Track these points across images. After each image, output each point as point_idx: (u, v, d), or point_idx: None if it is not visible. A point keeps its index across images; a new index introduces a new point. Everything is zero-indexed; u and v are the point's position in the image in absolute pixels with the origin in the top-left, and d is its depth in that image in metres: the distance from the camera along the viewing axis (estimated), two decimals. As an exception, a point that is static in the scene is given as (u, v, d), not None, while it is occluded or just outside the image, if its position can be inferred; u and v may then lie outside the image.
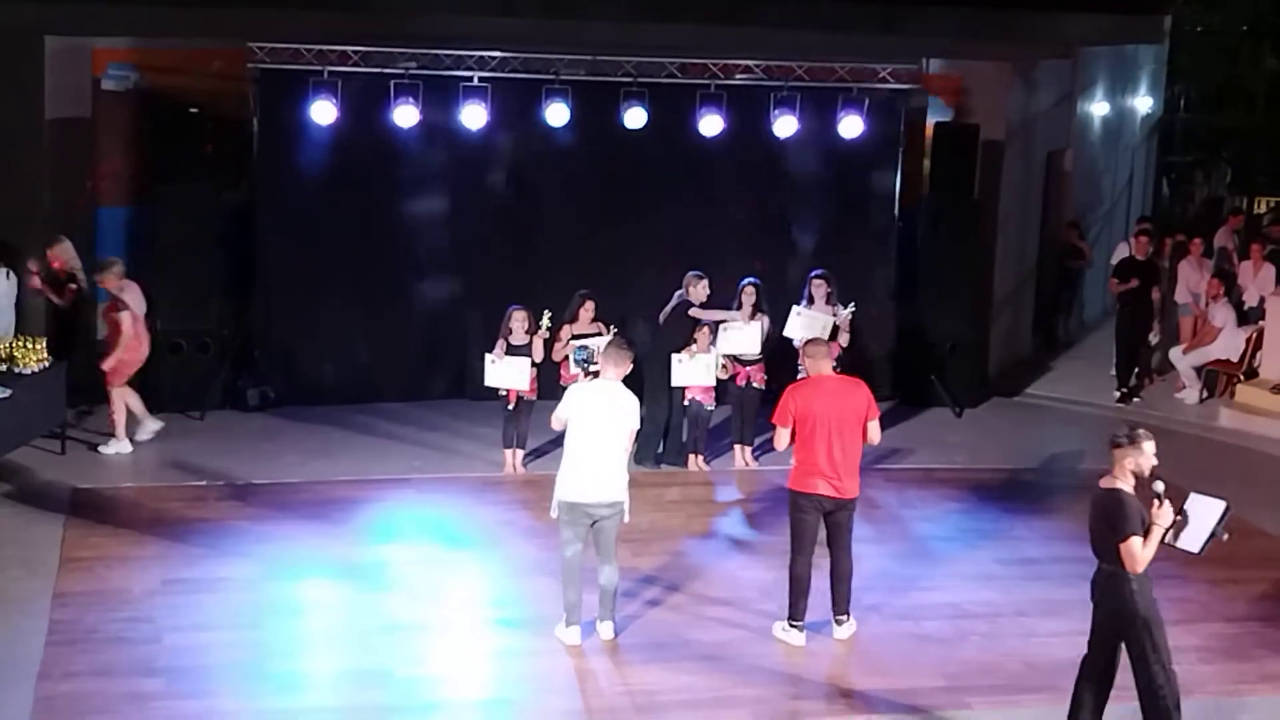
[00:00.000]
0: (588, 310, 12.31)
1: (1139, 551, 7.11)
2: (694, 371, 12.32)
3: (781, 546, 10.54)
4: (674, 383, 12.35)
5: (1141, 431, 7.36)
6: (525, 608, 9.37)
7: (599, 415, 8.58)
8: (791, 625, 8.90)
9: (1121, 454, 7.27)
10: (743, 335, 12.52)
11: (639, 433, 8.99)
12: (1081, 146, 18.81)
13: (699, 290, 12.57)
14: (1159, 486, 7.25)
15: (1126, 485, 7.27)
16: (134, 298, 12.66)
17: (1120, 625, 7.24)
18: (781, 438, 8.85)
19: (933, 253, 15.01)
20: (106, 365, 12.46)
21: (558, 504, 8.67)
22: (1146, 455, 7.27)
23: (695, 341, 12.32)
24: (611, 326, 12.22)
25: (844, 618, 8.97)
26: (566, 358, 12.04)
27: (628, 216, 14.61)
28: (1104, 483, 7.33)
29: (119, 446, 12.41)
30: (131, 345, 12.51)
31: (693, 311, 12.47)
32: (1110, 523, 7.17)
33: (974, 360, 15.31)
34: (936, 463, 13.01)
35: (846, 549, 8.90)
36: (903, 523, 11.17)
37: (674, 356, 12.32)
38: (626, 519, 8.73)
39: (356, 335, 14.39)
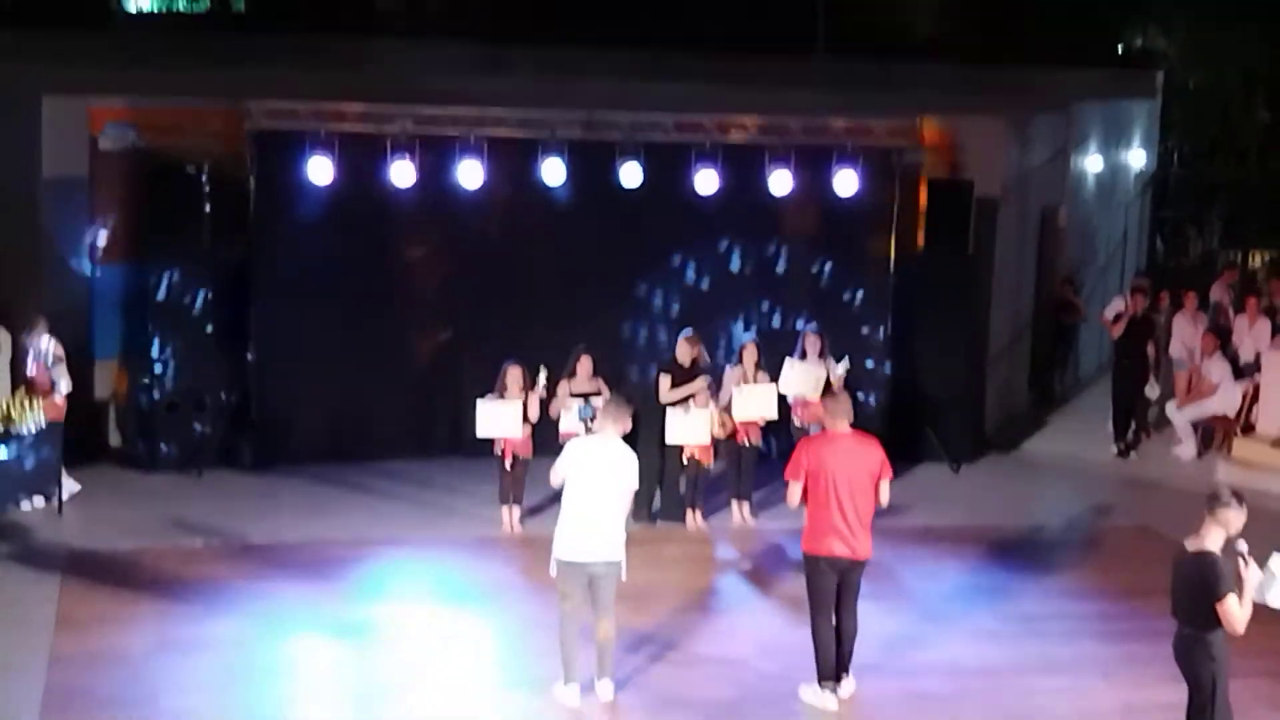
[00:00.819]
0: (585, 365, 12.37)
1: (1237, 610, 7.20)
2: (692, 428, 12.37)
3: (780, 605, 10.59)
4: (670, 440, 12.39)
5: (1237, 494, 7.46)
6: (523, 667, 9.37)
7: (597, 472, 8.61)
8: (823, 687, 8.87)
9: (1225, 515, 7.32)
10: (758, 397, 12.56)
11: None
12: (1076, 202, 18.93)
13: (683, 350, 12.63)
14: (1243, 546, 7.37)
15: (1216, 547, 7.33)
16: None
17: (1198, 685, 7.37)
18: (794, 493, 8.82)
19: (928, 308, 15.07)
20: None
21: (555, 562, 8.69)
22: (1243, 517, 7.36)
23: (693, 397, 12.37)
24: (603, 391, 12.25)
25: (845, 675, 8.96)
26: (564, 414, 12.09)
27: (624, 273, 14.70)
28: (1191, 546, 7.36)
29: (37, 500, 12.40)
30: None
31: (663, 396, 12.41)
32: (1205, 585, 7.22)
33: (970, 415, 15.34)
34: (934, 519, 13.02)
35: (853, 610, 8.89)
36: (900, 579, 11.18)
37: (669, 412, 12.37)
38: (624, 577, 8.75)
39: (353, 393, 14.43)
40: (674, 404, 12.32)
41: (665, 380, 12.48)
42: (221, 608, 10.28)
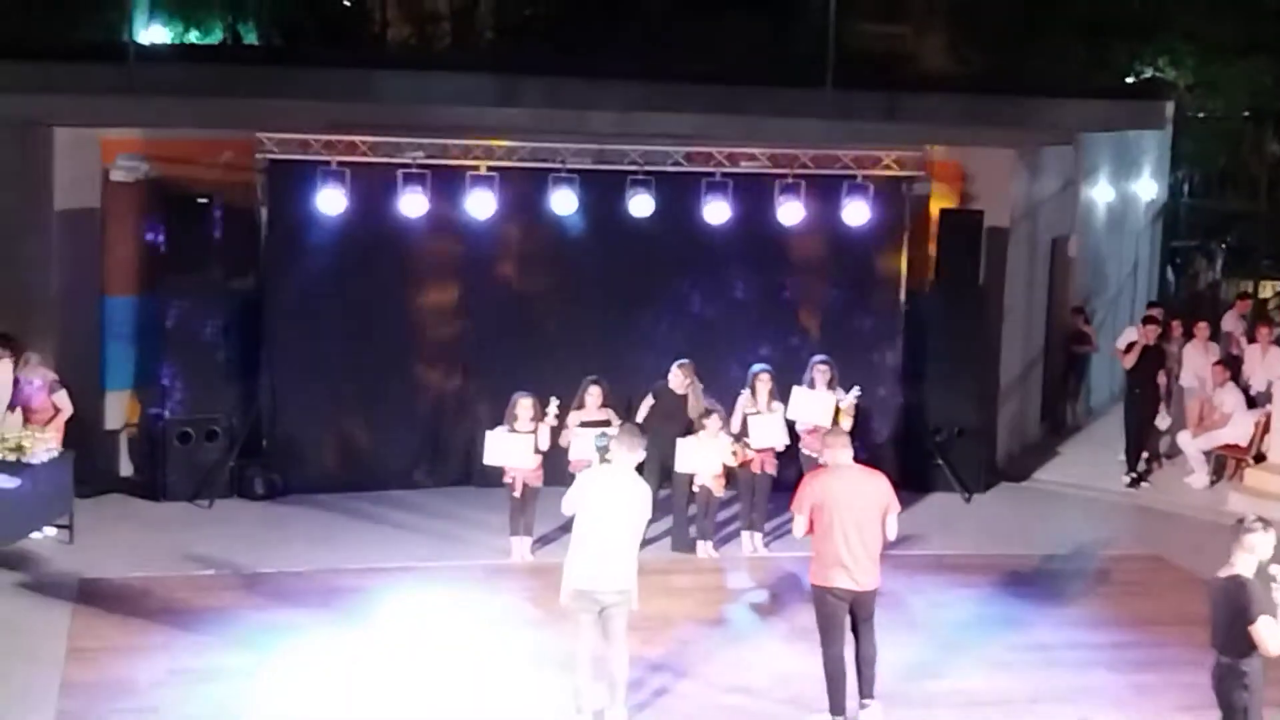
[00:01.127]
0: (594, 396, 12.38)
1: (1270, 632, 7.23)
2: (703, 457, 12.36)
3: (793, 634, 10.55)
4: (679, 468, 12.39)
5: (1262, 519, 7.56)
6: (533, 697, 9.35)
7: (610, 501, 8.61)
8: (834, 717, 8.86)
9: (1250, 540, 7.41)
10: (772, 425, 12.57)
11: None
12: (1086, 232, 18.94)
13: (676, 378, 12.62)
14: (1275, 570, 7.43)
15: (1248, 572, 7.40)
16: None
17: (1230, 712, 7.41)
18: (799, 526, 8.88)
19: (939, 338, 15.07)
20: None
21: (567, 591, 8.68)
22: (1271, 539, 7.43)
23: (704, 427, 12.36)
24: (614, 423, 12.23)
25: (869, 701, 8.93)
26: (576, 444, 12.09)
27: (635, 303, 14.71)
28: (1224, 572, 7.42)
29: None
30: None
31: (639, 413, 12.47)
32: (1238, 608, 7.30)
33: (981, 445, 15.31)
34: (946, 549, 12.99)
35: (870, 634, 8.91)
36: (912, 609, 11.15)
37: (679, 442, 12.38)
38: (635, 606, 8.73)
39: (363, 423, 14.45)
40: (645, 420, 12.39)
41: (648, 400, 12.62)
42: (231, 637, 10.27)
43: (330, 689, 9.51)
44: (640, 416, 12.55)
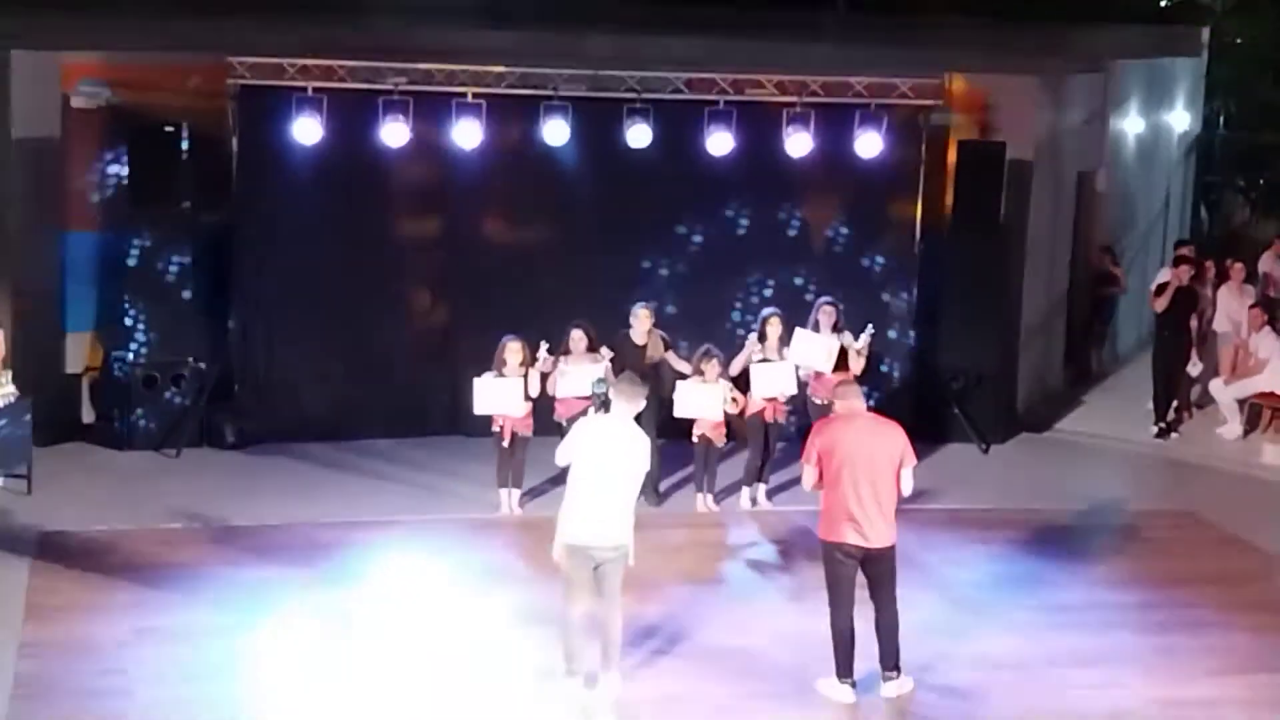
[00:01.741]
0: (578, 341, 12.35)
1: None
2: (700, 402, 12.35)
3: (798, 592, 10.60)
4: (678, 413, 12.39)
5: None
6: (522, 658, 9.37)
7: (606, 452, 8.59)
8: (841, 681, 8.85)
9: None
10: (779, 373, 12.56)
11: None
12: (1115, 166, 18.87)
13: (639, 326, 12.60)
14: None
15: None
16: None
17: None
18: (808, 477, 8.85)
19: (957, 278, 15.03)
20: None
21: (559, 546, 8.68)
22: None
23: (702, 371, 12.35)
24: (604, 353, 12.24)
25: (893, 674, 8.87)
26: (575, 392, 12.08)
27: (631, 241, 14.66)
28: None
29: None
30: None
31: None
32: None
33: (1001, 393, 15.31)
34: (962, 503, 13.01)
35: (891, 601, 8.84)
36: (926, 568, 11.16)
37: (679, 384, 12.36)
38: (631, 562, 8.74)
39: (342, 367, 14.42)
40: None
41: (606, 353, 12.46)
42: (201, 595, 10.28)
43: (309, 649, 9.52)
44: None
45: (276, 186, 13.96)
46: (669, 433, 12.55)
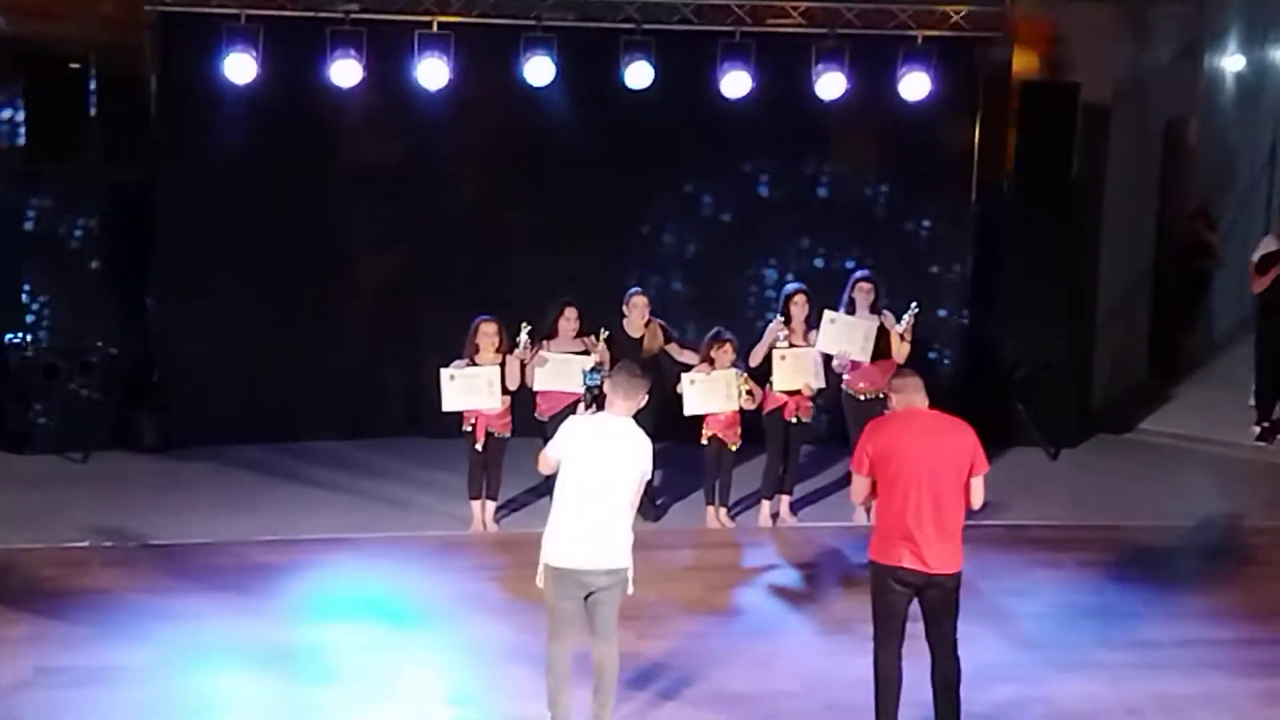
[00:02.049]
0: (569, 321, 12.40)
1: None
2: (710, 396, 12.40)
3: (828, 626, 10.64)
4: (688, 410, 12.45)
5: None
6: (496, 705, 9.40)
7: (601, 457, 8.61)
8: None
9: None
10: (803, 362, 12.61)
11: None
12: (1210, 113, 18.89)
13: (634, 316, 12.68)
14: None
15: None
16: None
17: None
18: (858, 489, 8.74)
19: (1019, 248, 15.06)
20: None
21: (544, 570, 8.72)
22: None
23: (712, 359, 12.40)
24: (601, 334, 12.29)
25: None
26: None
27: (628, 204, 14.71)
28: None
29: None
30: None
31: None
32: None
33: (1072, 386, 15.35)
34: (1025, 518, 13.06)
35: (950, 645, 8.69)
36: (982, 597, 11.18)
37: (685, 376, 12.43)
38: (630, 590, 8.78)
39: (283, 355, 14.47)
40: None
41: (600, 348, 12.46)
42: (115, 628, 10.29)
43: (243, 694, 9.55)
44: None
45: (204, 137, 13.99)
46: (672, 434, 12.57)
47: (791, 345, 12.61)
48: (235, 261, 14.20)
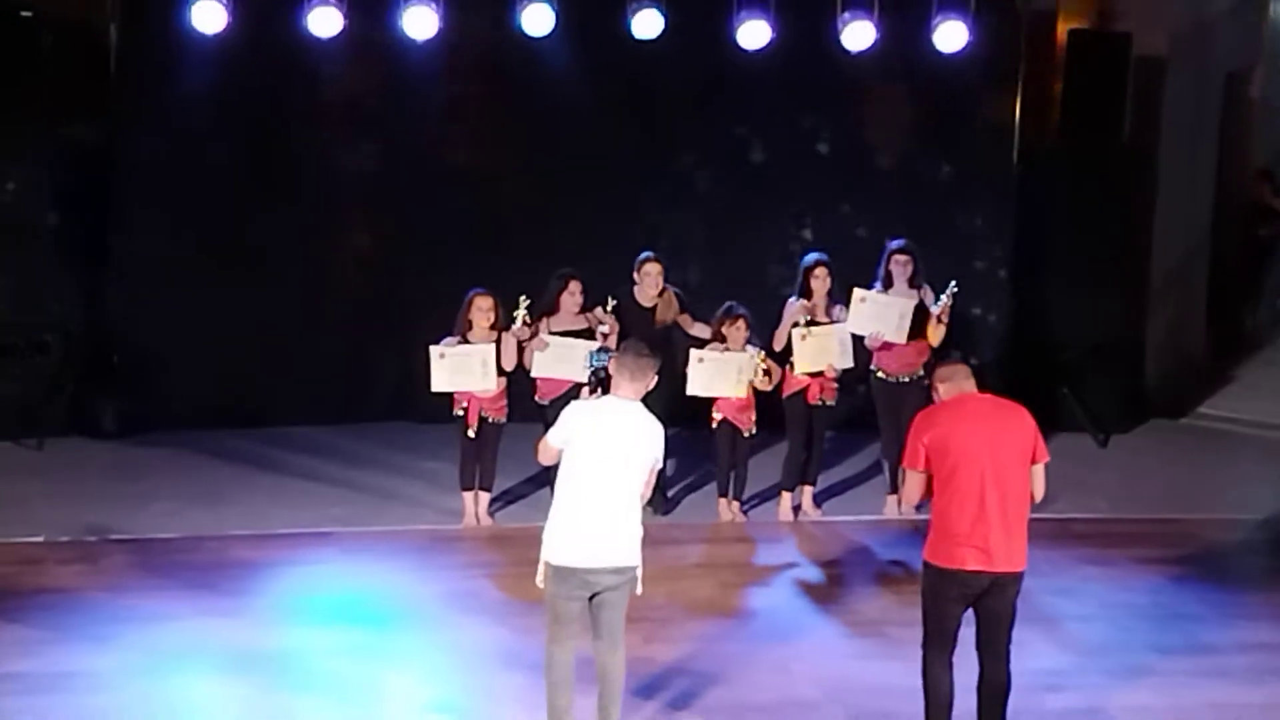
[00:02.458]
0: (573, 295, 12.41)
1: None
2: (717, 378, 12.40)
3: (855, 629, 10.65)
4: (691, 390, 12.44)
5: None
6: (489, 715, 9.42)
7: (608, 446, 8.61)
8: None
9: None
10: (825, 341, 12.60)
11: None
12: (1276, 64, 18.83)
13: (646, 283, 12.68)
14: None
15: None
16: None
17: None
18: (913, 487, 8.67)
19: (1066, 215, 15.05)
20: None
21: (544, 568, 8.73)
22: None
23: (724, 336, 12.41)
24: (607, 308, 12.30)
25: None
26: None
27: (634, 167, 14.69)
28: None
29: None
30: None
31: None
32: None
33: (1124, 367, 15.36)
34: (1072, 511, 13.08)
35: (1003, 654, 8.67)
36: (1026, 596, 10.99)
37: (691, 354, 12.42)
38: (639, 590, 8.79)
39: (256, 332, 14.48)
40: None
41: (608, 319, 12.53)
42: (73, 631, 10.30)
43: (214, 704, 9.56)
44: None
45: (169, 93, 13.98)
46: (685, 418, 12.58)
47: (813, 323, 12.60)
48: (204, 230, 14.21)
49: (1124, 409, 15.26)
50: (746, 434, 12.66)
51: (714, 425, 12.62)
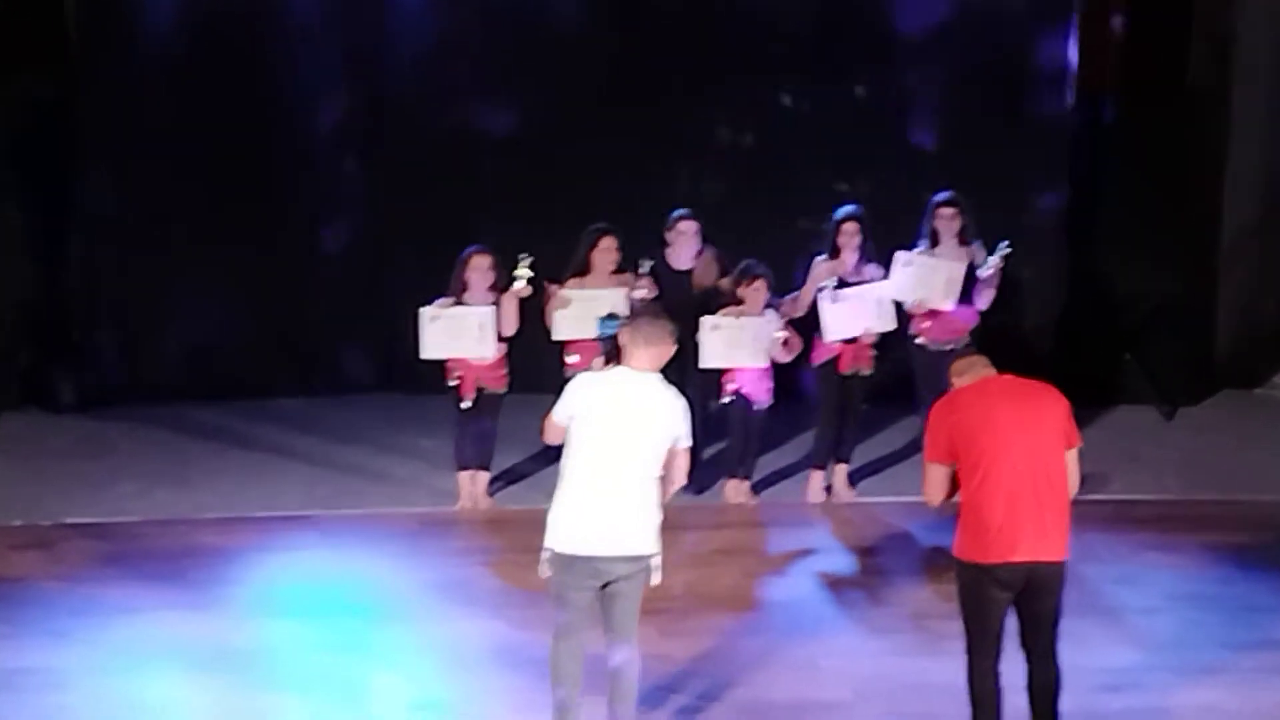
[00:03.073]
0: (605, 252, 12.36)
1: None
2: (735, 346, 12.36)
3: (891, 623, 10.62)
4: (704, 363, 12.40)
5: None
6: (487, 717, 9.43)
7: (618, 421, 8.57)
8: None
9: None
10: (859, 304, 12.53)
11: None
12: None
13: (681, 243, 12.62)
14: None
15: None
16: None
17: None
18: (937, 483, 8.67)
19: (1128, 167, 15.01)
20: None
21: (549, 556, 8.68)
22: None
23: (741, 299, 12.37)
24: (644, 265, 12.23)
25: None
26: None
27: (651, 118, 14.63)
28: None
29: None
30: None
31: None
32: None
33: (1192, 333, 15.32)
34: (1135, 492, 13.09)
35: (1049, 648, 8.66)
36: (1084, 585, 11.11)
37: (703, 321, 12.34)
38: (656, 579, 8.73)
39: (226, 299, 14.51)
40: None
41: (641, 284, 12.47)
42: (29, 624, 10.34)
43: (183, 701, 9.54)
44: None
45: (133, 41, 14.04)
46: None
47: (842, 283, 12.52)
48: (171, 187, 14.23)
49: (1191, 378, 15.24)
50: (761, 408, 12.62)
51: (726, 398, 12.58)
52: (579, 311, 12.15)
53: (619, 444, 8.56)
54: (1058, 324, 15.15)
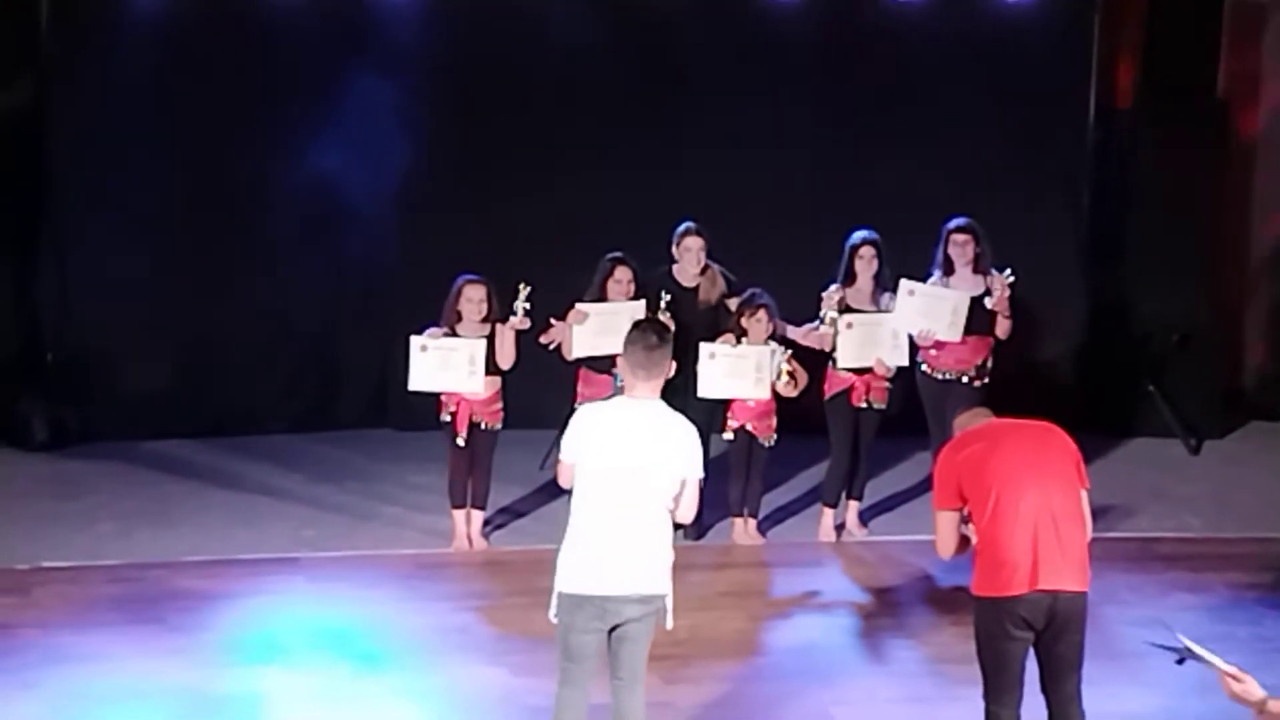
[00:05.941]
0: (620, 284, 12.40)
1: None
2: (734, 376, 12.38)
3: (907, 666, 10.62)
4: (702, 392, 12.37)
5: None
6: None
7: (622, 453, 8.57)
8: None
9: None
10: (873, 333, 12.56)
11: None
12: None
13: (687, 259, 12.66)
14: None
15: None
16: None
17: None
18: (946, 533, 8.70)
19: (1151, 184, 15.01)
20: None
21: (557, 597, 8.69)
22: None
23: (745, 329, 12.40)
24: (663, 299, 12.26)
25: None
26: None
27: (652, 135, 14.69)
28: None
29: None
30: None
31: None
32: None
33: (1217, 362, 15.33)
34: (1159, 528, 13.11)
35: (1072, 696, 8.67)
36: (1104, 627, 11.15)
37: (703, 348, 12.34)
38: (670, 624, 8.73)
39: (213, 327, 14.50)
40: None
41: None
42: (5, 674, 10.28)
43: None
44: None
45: (106, 52, 14.01)
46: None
47: (847, 309, 12.54)
48: (150, 209, 14.19)
49: (1217, 409, 15.24)
50: (766, 443, 12.64)
51: (728, 433, 12.60)
52: (597, 326, 12.19)
53: (624, 476, 8.53)
54: (1078, 353, 15.17)
